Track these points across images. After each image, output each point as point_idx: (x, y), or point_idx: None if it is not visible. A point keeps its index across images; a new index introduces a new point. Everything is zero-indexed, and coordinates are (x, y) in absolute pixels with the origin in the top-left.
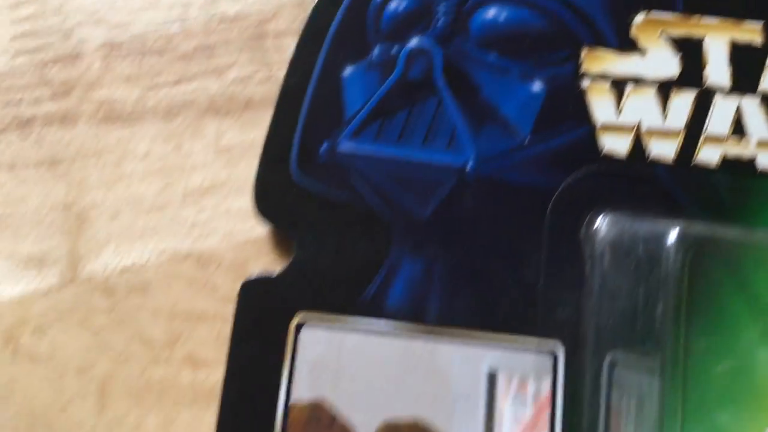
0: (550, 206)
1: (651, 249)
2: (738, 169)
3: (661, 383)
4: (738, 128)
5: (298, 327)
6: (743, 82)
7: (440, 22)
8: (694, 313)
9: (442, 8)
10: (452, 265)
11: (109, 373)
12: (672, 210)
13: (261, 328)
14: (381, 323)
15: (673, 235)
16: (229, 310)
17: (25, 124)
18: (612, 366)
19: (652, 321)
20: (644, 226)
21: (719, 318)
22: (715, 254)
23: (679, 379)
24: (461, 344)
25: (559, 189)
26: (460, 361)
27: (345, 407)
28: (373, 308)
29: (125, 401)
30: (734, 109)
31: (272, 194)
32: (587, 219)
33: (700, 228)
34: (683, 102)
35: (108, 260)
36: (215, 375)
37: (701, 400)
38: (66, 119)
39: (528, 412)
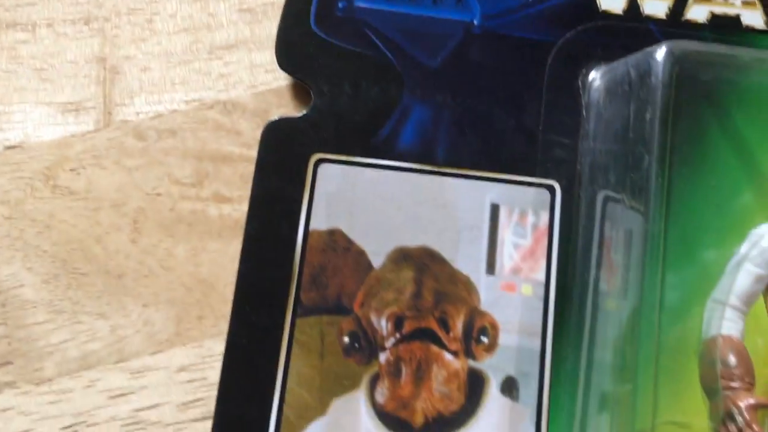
0: (550, 59)
1: (641, 68)
2: (724, 25)
3: (645, 222)
4: None
5: (317, 164)
6: None
7: None
8: (679, 124)
9: None
10: (459, 111)
11: (142, 208)
12: None
13: (282, 165)
14: (393, 162)
15: (661, 52)
16: (252, 153)
17: None
18: (605, 202)
19: (642, 130)
20: (634, 55)
21: (702, 157)
22: (701, 67)
23: (662, 219)
24: (467, 180)
25: (559, 43)
26: (466, 195)
27: (359, 235)
28: (386, 150)
29: (157, 233)
30: None
31: (292, 48)
32: (585, 70)
33: (686, 44)
34: None
35: (140, 108)
36: (240, 210)
37: (685, 239)
38: None
39: (527, 241)
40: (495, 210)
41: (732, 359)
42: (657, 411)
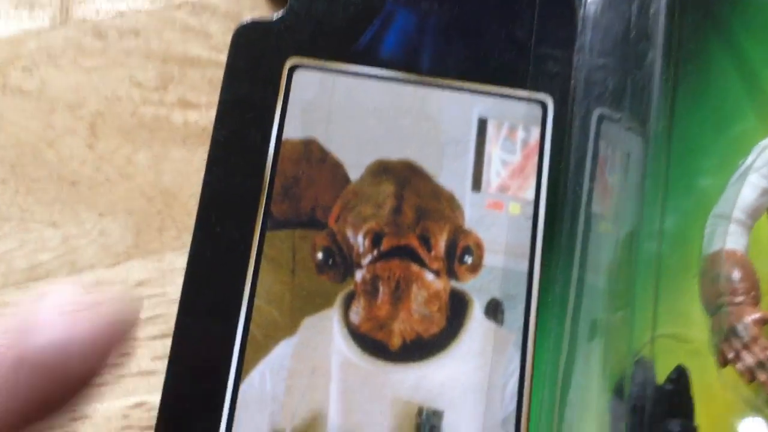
0: None
1: None
2: None
3: (645, 144)
4: None
5: (292, 69)
6: None
7: None
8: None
9: None
10: (446, 19)
11: (100, 111)
12: None
13: (254, 70)
14: (374, 70)
15: None
16: (222, 57)
17: None
18: (600, 120)
19: (645, 25)
20: None
21: (705, 75)
22: None
23: (664, 143)
24: (453, 92)
25: None
26: (452, 107)
27: (336, 146)
28: (367, 57)
29: (116, 139)
30: None
31: None
32: None
33: None
34: None
35: (100, 5)
36: (207, 117)
37: (685, 163)
38: None
39: (516, 157)
40: (482, 124)
41: (736, 273)
42: (655, 331)
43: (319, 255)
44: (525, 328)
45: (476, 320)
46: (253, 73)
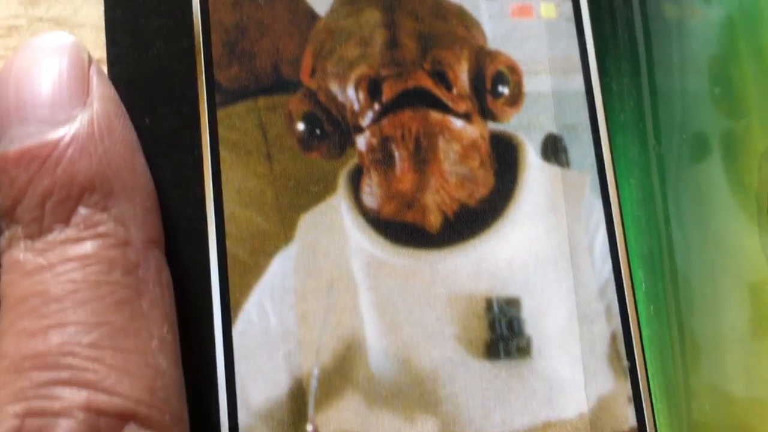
0: None
1: None
2: None
3: None
4: None
5: None
6: None
7: None
8: None
9: None
10: None
11: None
12: None
13: None
14: None
15: None
16: None
17: None
18: None
19: None
20: None
21: None
22: None
23: None
24: None
25: None
26: None
27: None
28: None
29: None
30: None
31: None
32: None
33: None
34: None
35: None
36: None
37: None
38: None
39: None
40: None
41: None
42: None
43: (300, 126)
44: (600, 164)
45: (533, 168)
46: None
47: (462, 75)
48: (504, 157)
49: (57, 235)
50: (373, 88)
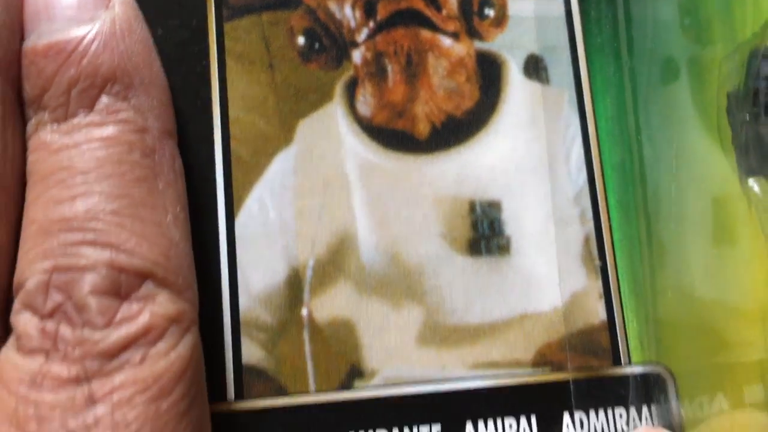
0: None
1: None
2: None
3: None
4: None
5: None
6: None
7: None
8: None
9: None
10: None
11: None
12: None
13: None
14: None
15: None
16: None
17: None
18: None
19: None
20: None
21: None
22: None
23: None
24: None
25: None
26: None
27: None
28: None
29: None
30: None
31: None
32: None
33: None
34: None
35: None
36: None
37: None
38: None
39: None
40: None
41: None
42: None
43: (301, 40)
44: (577, 82)
45: (516, 83)
46: None
47: None
48: (489, 74)
49: (82, 119)
50: (368, 8)
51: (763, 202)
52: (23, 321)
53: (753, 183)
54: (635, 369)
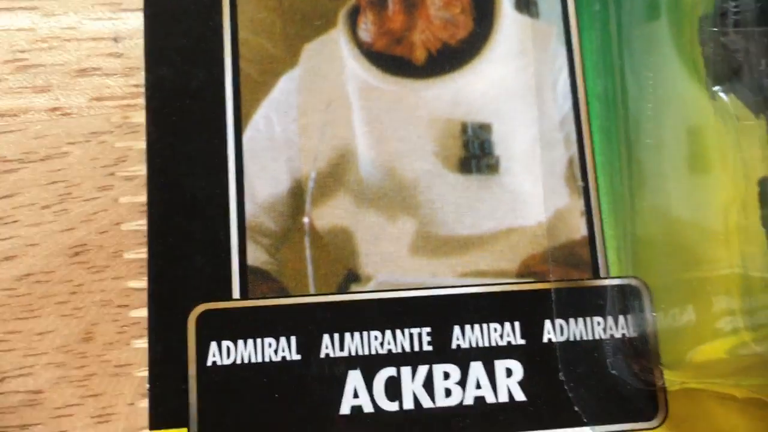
0: None
1: None
2: None
3: None
4: None
5: None
6: None
7: None
8: None
9: None
10: None
11: None
12: None
13: None
14: None
15: None
16: None
17: None
18: None
19: None
20: None
21: None
22: None
23: None
24: None
25: None
26: None
27: None
28: None
29: None
30: None
31: None
32: None
33: None
34: None
35: None
36: None
37: None
38: None
39: None
40: None
41: None
42: None
43: None
44: (565, 17)
45: (508, 17)
46: None
47: None
48: (482, 6)
49: None
50: None
51: (728, 107)
52: None
53: (719, 91)
54: (613, 281)
